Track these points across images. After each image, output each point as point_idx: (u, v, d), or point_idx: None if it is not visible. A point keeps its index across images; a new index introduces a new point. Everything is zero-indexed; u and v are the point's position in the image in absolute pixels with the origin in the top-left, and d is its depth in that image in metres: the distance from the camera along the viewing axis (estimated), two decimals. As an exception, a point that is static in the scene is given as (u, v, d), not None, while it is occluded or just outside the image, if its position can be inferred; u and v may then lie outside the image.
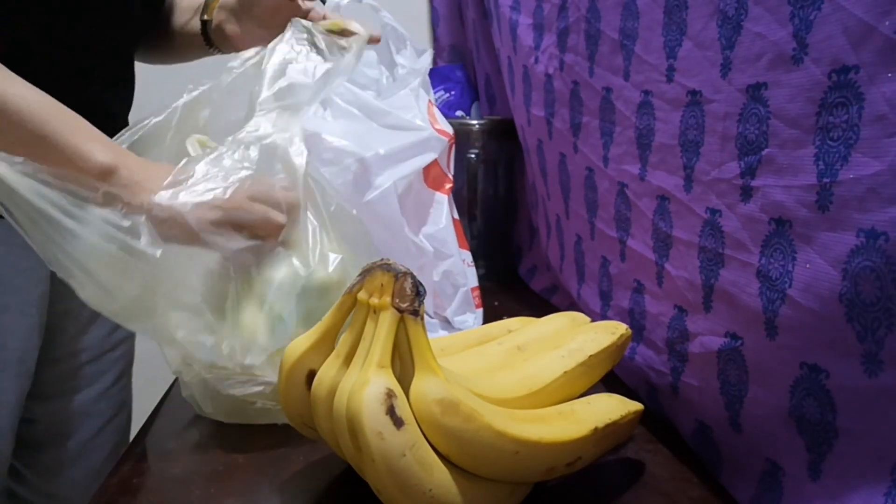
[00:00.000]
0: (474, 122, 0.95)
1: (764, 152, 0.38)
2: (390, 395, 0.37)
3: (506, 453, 0.39)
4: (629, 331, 0.51)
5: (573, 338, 0.49)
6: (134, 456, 0.51)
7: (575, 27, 0.63)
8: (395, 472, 0.37)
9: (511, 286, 0.93)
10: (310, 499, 0.47)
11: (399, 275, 0.40)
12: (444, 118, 0.80)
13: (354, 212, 0.61)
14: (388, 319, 0.40)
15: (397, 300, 0.40)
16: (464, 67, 1.13)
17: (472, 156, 0.92)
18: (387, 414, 0.37)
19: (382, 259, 0.42)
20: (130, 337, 0.74)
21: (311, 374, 0.43)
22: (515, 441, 0.39)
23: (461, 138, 0.92)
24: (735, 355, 0.42)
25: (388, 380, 0.38)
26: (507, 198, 0.96)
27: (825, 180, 0.34)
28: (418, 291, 0.40)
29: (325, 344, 0.44)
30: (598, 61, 0.59)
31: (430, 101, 0.80)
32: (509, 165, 0.94)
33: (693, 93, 0.45)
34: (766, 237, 0.38)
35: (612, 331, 0.50)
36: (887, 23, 0.30)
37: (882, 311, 0.31)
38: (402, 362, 0.40)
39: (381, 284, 0.40)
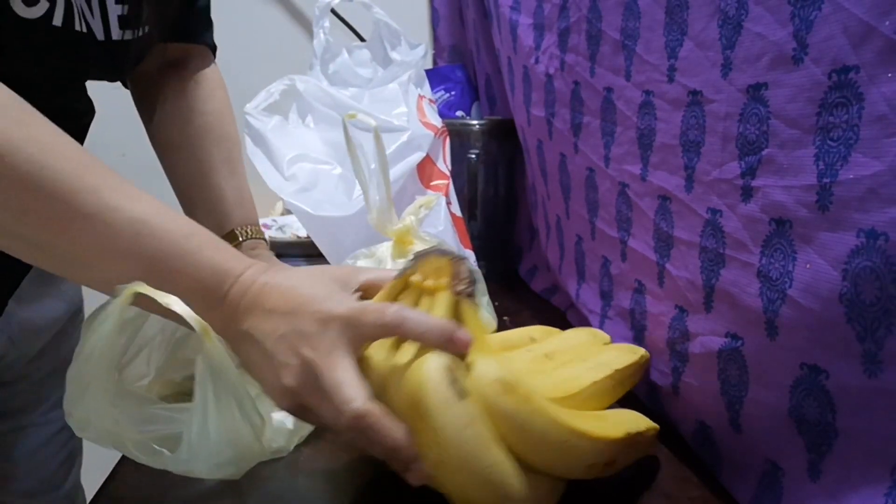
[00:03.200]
0: (474, 122, 0.95)
1: (764, 152, 0.38)
2: (451, 367, 0.37)
3: (555, 442, 0.39)
4: (648, 354, 0.52)
5: (598, 353, 0.50)
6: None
7: (576, 27, 0.63)
8: (459, 443, 0.36)
9: (511, 287, 0.93)
10: (309, 498, 0.47)
11: (455, 258, 0.40)
12: (435, 112, 0.79)
13: None
14: (444, 301, 0.40)
15: (454, 283, 0.40)
16: (464, 68, 1.13)
17: (473, 156, 0.92)
18: (450, 385, 0.37)
19: (435, 245, 0.42)
20: None
21: None
22: (566, 429, 0.39)
23: (461, 138, 0.92)
24: (735, 355, 0.42)
25: (447, 356, 0.38)
26: (507, 198, 0.95)
27: (825, 180, 0.34)
28: (472, 277, 0.40)
29: None
30: (599, 61, 0.59)
31: (420, 95, 0.80)
32: (509, 165, 0.94)
33: (694, 93, 0.45)
34: (766, 237, 0.38)
35: (633, 351, 0.52)
36: (887, 23, 0.30)
37: (882, 312, 0.31)
38: None
39: (438, 268, 0.40)
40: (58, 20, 0.46)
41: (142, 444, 0.42)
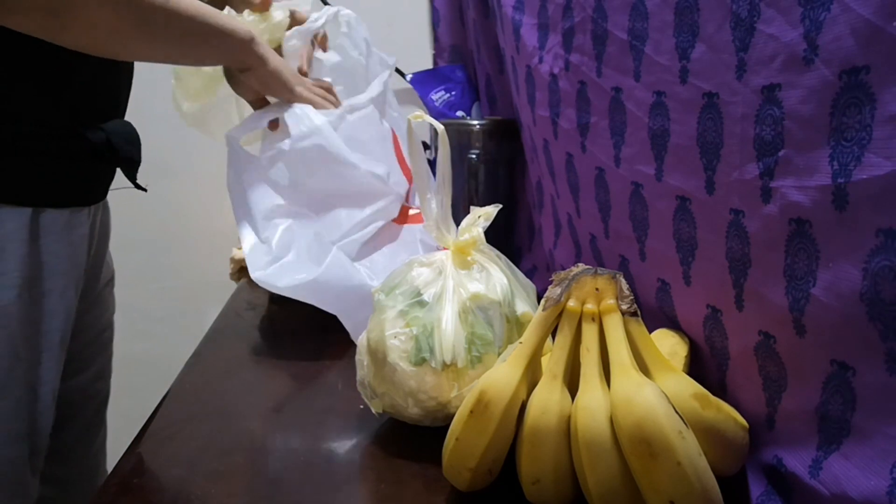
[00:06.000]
0: (475, 122, 0.95)
1: (780, 153, 0.38)
2: (663, 392, 0.36)
3: (741, 445, 0.39)
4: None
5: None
6: (134, 456, 0.51)
7: (580, 27, 0.63)
8: (698, 472, 0.35)
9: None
10: (309, 498, 0.46)
11: (614, 276, 0.39)
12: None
13: None
14: (619, 324, 0.38)
15: (619, 302, 0.38)
16: (464, 68, 1.13)
17: (473, 156, 0.92)
18: (676, 412, 0.35)
19: (578, 265, 0.40)
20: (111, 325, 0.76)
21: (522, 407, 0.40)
22: (744, 428, 0.39)
23: (461, 138, 0.92)
24: (771, 353, 0.41)
25: (652, 383, 0.36)
26: (506, 198, 0.95)
27: (839, 181, 0.34)
28: (632, 293, 0.39)
29: (531, 370, 0.41)
30: (606, 61, 0.59)
31: (393, 133, 0.79)
32: (509, 165, 0.94)
33: (709, 95, 0.45)
34: (788, 237, 0.38)
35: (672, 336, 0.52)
36: (895, 24, 0.30)
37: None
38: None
39: (596, 289, 0.39)
40: None
41: None
